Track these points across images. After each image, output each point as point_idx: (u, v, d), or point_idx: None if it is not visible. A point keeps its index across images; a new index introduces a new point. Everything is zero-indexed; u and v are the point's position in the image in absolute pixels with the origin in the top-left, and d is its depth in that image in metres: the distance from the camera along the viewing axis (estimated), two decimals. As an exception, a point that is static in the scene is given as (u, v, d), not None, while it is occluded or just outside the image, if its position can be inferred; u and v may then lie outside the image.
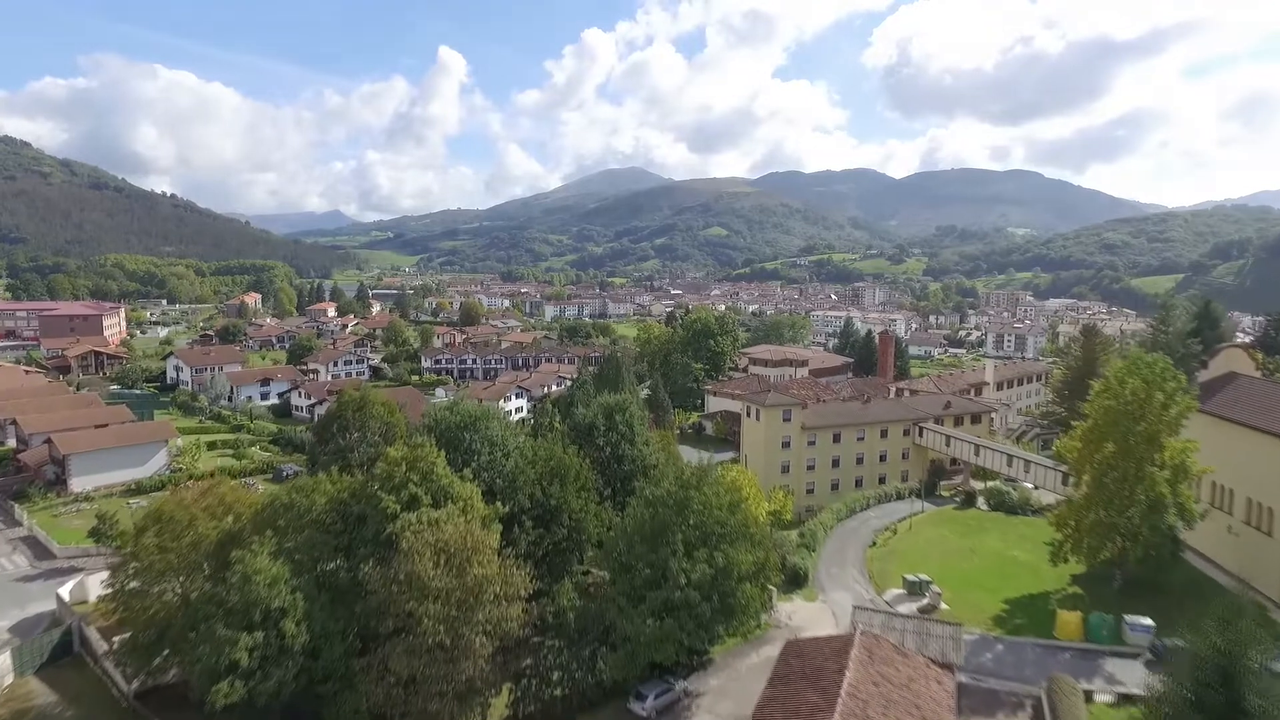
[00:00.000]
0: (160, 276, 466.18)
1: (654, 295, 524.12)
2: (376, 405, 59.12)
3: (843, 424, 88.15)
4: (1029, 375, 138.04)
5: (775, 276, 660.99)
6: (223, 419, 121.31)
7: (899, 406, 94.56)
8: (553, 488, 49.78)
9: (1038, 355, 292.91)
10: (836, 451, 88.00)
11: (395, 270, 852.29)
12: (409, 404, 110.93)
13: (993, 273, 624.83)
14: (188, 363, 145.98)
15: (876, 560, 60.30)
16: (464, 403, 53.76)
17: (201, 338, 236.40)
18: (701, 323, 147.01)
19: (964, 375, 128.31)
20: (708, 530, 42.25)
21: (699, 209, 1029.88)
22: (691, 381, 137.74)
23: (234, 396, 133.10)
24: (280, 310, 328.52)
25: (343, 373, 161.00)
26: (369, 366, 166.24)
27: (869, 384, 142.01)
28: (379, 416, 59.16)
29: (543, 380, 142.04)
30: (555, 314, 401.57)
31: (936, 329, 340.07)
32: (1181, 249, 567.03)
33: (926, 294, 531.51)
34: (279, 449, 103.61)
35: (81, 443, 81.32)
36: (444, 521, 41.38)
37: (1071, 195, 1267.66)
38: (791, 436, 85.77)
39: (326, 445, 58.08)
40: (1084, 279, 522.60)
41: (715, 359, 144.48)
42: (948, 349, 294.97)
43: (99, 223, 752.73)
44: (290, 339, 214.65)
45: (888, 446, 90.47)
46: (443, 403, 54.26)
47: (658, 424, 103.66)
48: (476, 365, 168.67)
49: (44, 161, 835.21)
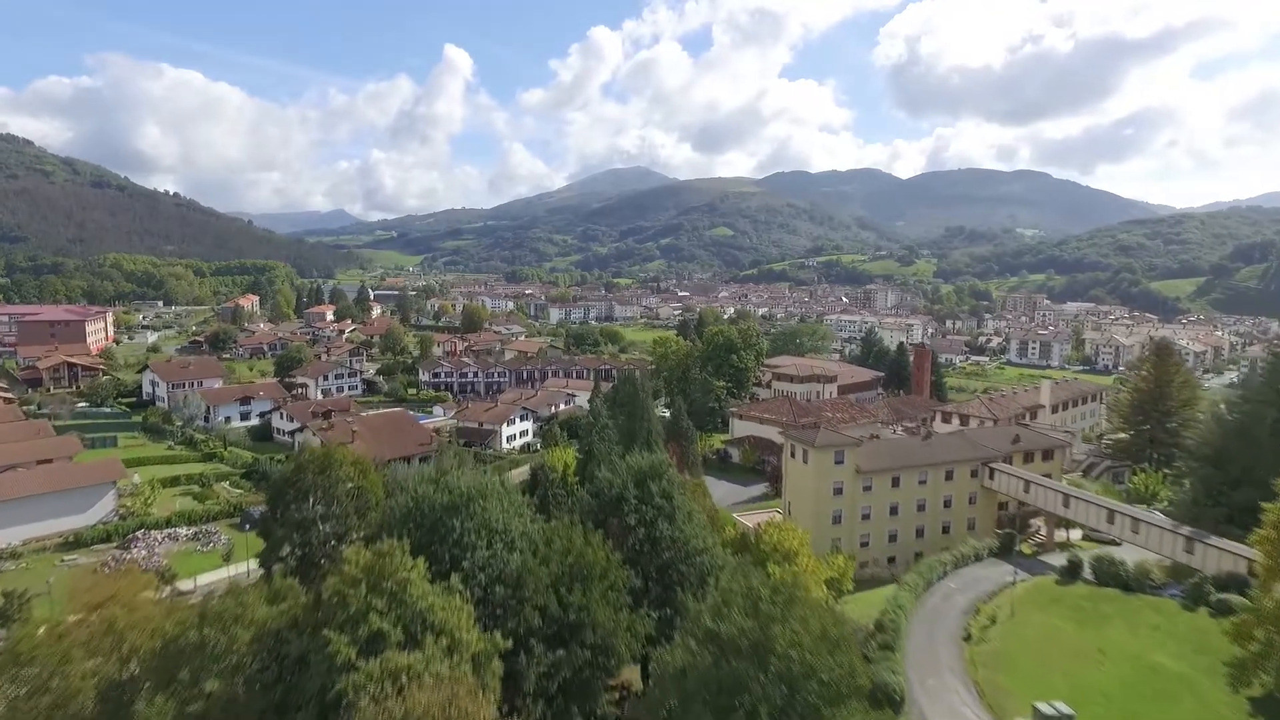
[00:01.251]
0: (159, 277, 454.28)
1: (661, 297, 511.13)
2: (344, 466, 46.24)
3: (903, 466, 74.99)
4: (1086, 395, 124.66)
5: (783, 278, 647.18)
6: (195, 444, 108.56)
7: (964, 443, 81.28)
8: (572, 594, 36.76)
9: (1063, 363, 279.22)
10: (895, 498, 74.82)
11: (399, 270, 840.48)
12: (398, 433, 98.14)
13: (1005, 274, 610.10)
14: (163, 377, 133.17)
15: (981, 665, 47.05)
16: (454, 473, 40.56)
17: (190, 344, 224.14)
18: (723, 336, 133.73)
19: (1015, 396, 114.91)
20: (796, 684, 29.13)
21: (704, 209, 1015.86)
22: (713, 401, 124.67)
23: (210, 417, 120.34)
24: (277, 314, 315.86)
25: (334, 388, 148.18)
26: (362, 380, 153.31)
27: (907, 404, 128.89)
28: (347, 479, 46.27)
29: (550, 399, 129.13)
30: (560, 317, 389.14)
31: (955, 334, 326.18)
32: (1199, 251, 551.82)
33: (940, 297, 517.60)
34: (252, 484, 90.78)
35: (6, 488, 68.39)
36: (418, 672, 28.45)
37: (1080, 196, 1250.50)
38: (844, 482, 72.61)
39: (282, 517, 45.23)
40: (1100, 281, 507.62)
41: (738, 375, 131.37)
42: (969, 356, 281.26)
43: (101, 222, 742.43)
44: (282, 347, 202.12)
45: (953, 491, 77.28)
46: (425, 475, 40.78)
47: (681, 457, 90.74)
48: (478, 379, 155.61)
49: (46, 160, 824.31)
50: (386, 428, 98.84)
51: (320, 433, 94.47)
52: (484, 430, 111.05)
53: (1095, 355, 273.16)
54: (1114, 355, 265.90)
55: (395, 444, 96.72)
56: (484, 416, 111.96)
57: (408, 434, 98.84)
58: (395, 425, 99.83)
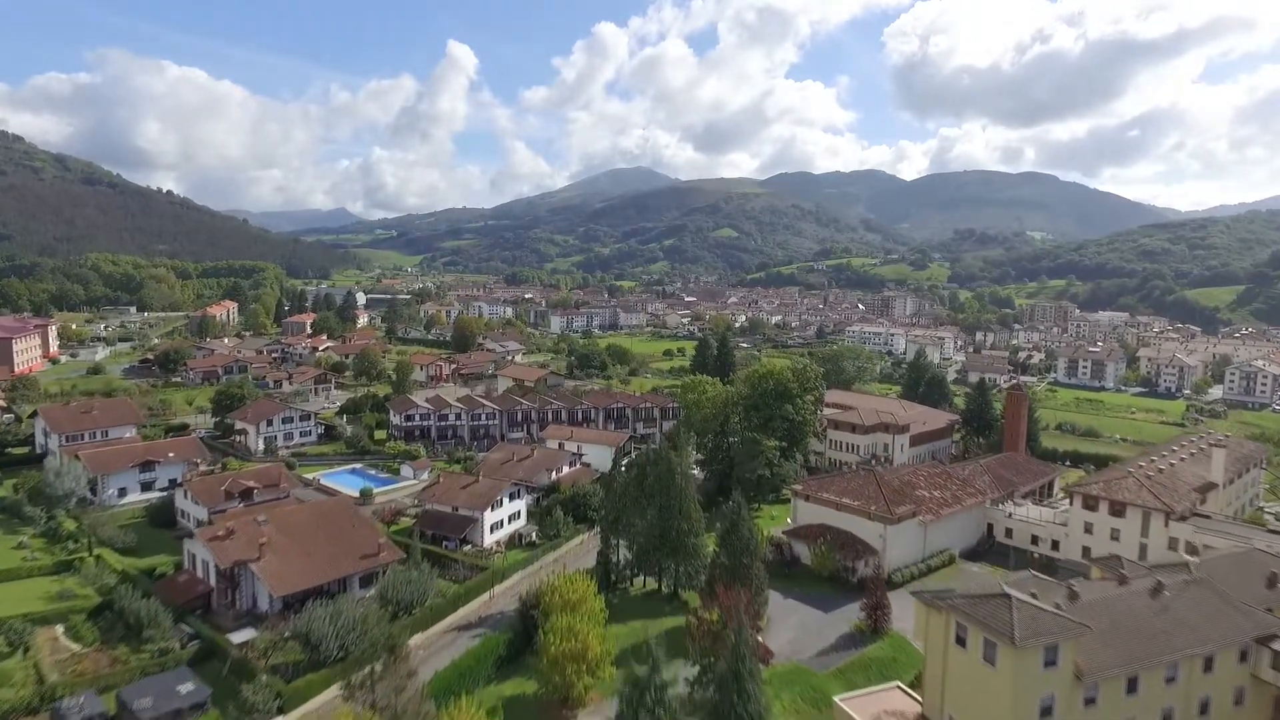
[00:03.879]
0: (138, 279, 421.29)
1: (667, 303, 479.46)
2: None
3: (1144, 659, 43.76)
4: (1251, 461, 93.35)
5: (791, 281, 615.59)
6: (60, 537, 77.17)
7: (1214, 603, 49.86)
8: None
9: (1118, 384, 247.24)
10: (1130, 711, 43.70)
11: (397, 271, 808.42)
12: (332, 539, 66.66)
13: (1022, 280, 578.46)
14: (54, 427, 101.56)
15: None
16: None
17: (141, 363, 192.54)
18: (773, 378, 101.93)
19: (1175, 469, 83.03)
20: None
21: (708, 210, 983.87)
22: (764, 467, 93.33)
23: (100, 489, 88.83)
24: (253, 323, 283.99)
25: (281, 434, 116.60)
26: (318, 425, 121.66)
27: (1009, 468, 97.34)
28: None
29: (549, 460, 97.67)
30: (562, 325, 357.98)
31: (990, 349, 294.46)
32: (1227, 256, 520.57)
33: (960, 304, 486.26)
34: (100, 631, 59.24)
35: None
36: None
37: (1088, 199, 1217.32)
38: (1056, 694, 41.40)
39: None
40: (1128, 289, 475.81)
41: (794, 431, 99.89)
42: (1013, 376, 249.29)
43: (90, 219, 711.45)
44: (239, 370, 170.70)
45: (1212, 689, 46.14)
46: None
47: (726, 606, 53.41)
48: (461, 422, 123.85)
49: (36, 156, 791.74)
50: (316, 530, 67.52)
51: (214, 542, 63.09)
52: (459, 518, 79.70)
53: (1155, 376, 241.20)
54: (1178, 377, 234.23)
55: (325, 558, 65.34)
56: (461, 498, 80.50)
57: (346, 539, 67.58)
58: (329, 525, 68.51)
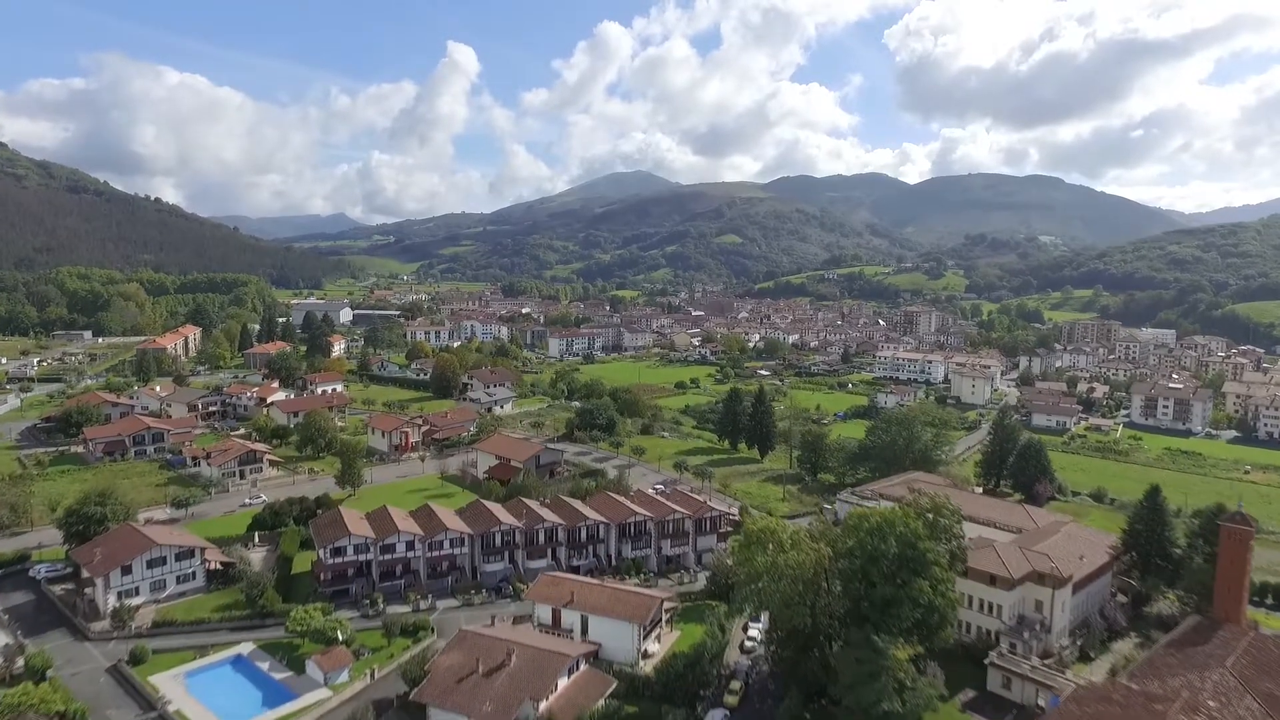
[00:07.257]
0: (105, 297, 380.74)
1: (673, 318, 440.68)
2: None
3: None
4: None
5: (801, 291, 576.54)
6: None
7: None
8: None
9: (1206, 428, 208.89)
10: None
11: (392, 280, 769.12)
12: None
13: (1044, 290, 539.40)
14: None
15: None
16: None
17: (43, 422, 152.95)
18: (890, 525, 62.45)
19: None
20: None
21: (710, 215, 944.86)
22: (890, 697, 54.37)
23: None
24: (210, 356, 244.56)
25: (146, 584, 77.56)
26: (204, 569, 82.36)
27: (1265, 667, 58.51)
28: None
29: (539, 673, 59.04)
30: (561, 348, 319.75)
31: (1045, 380, 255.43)
32: (1264, 265, 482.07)
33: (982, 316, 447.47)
34: None
35: None
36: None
37: (1095, 202, 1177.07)
38: None
39: None
40: (1164, 301, 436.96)
41: (928, 619, 60.63)
42: (1083, 418, 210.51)
43: (73, 229, 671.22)
44: (153, 440, 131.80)
45: None
46: None
47: None
48: (415, 554, 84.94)
49: (19, 163, 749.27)
50: None
51: None
52: None
53: (1252, 419, 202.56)
54: None
55: None
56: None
57: None
58: None
